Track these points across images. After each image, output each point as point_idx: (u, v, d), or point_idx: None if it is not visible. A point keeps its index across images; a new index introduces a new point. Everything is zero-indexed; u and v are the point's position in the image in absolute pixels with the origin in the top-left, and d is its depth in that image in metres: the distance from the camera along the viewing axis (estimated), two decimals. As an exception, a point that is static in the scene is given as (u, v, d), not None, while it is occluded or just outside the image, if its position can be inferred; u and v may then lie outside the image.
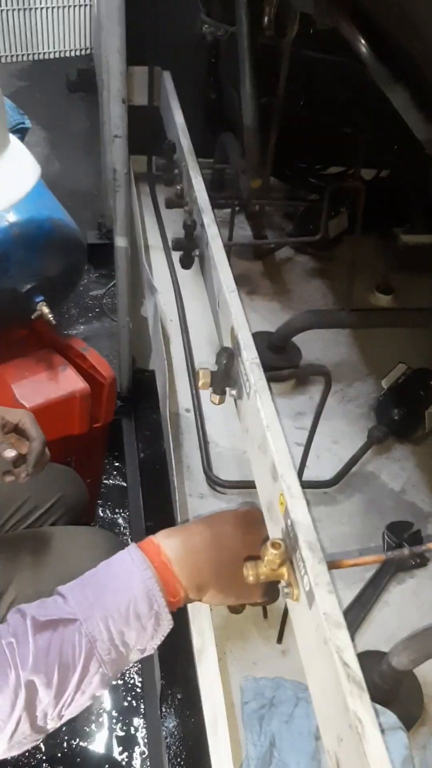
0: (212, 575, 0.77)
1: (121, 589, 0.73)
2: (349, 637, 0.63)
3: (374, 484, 1.22)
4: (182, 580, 0.75)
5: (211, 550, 0.77)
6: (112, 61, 1.60)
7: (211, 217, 1.16)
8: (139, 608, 0.72)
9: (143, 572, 0.74)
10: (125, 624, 0.72)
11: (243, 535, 0.79)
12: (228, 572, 0.77)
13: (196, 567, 0.76)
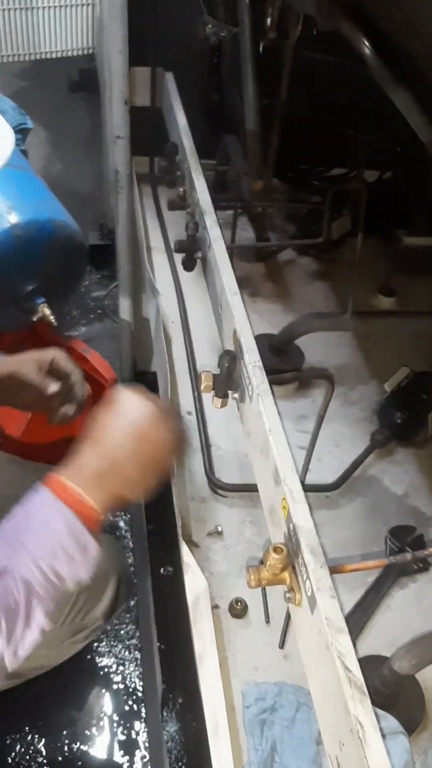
0: (119, 487, 0.78)
1: (44, 530, 0.75)
2: (350, 642, 0.63)
3: (377, 487, 1.21)
4: (95, 504, 0.77)
5: (110, 465, 0.78)
6: (114, 62, 1.60)
7: (213, 219, 1.16)
8: (65, 543, 0.74)
9: (60, 510, 0.75)
10: (54, 559, 0.74)
11: (132, 438, 0.78)
12: (132, 477, 0.79)
13: (102, 488, 0.77)
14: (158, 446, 0.79)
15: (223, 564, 1.07)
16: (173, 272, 1.59)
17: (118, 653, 1.94)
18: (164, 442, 0.79)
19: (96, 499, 0.76)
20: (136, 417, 0.79)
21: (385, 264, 1.76)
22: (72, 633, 1.33)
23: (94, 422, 0.80)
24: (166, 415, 0.79)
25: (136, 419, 0.79)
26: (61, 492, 0.76)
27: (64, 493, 0.76)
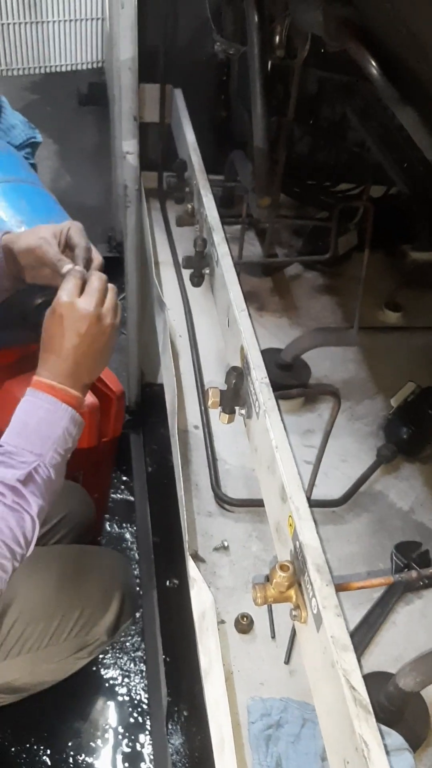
0: (90, 372, 1.01)
1: (53, 424, 0.96)
2: (356, 660, 0.64)
3: (382, 503, 1.22)
4: (76, 392, 0.99)
5: (71, 360, 0.98)
6: (124, 79, 1.63)
7: (221, 236, 1.17)
8: (69, 429, 0.98)
9: (60, 407, 0.97)
10: (65, 443, 0.98)
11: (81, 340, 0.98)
12: (91, 367, 1.01)
13: (76, 381, 0.99)
14: (104, 338, 1.00)
15: (229, 579, 1.07)
16: (181, 287, 1.60)
17: (123, 665, 1.94)
18: (108, 333, 1.00)
19: (75, 389, 0.99)
20: (80, 324, 0.97)
21: (391, 279, 1.77)
22: (75, 649, 1.34)
23: (47, 335, 1.00)
24: (101, 312, 0.99)
25: (81, 326, 0.97)
26: (54, 392, 0.97)
27: (56, 392, 0.97)
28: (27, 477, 0.91)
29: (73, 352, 0.97)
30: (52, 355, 0.98)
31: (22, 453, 0.93)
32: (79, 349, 0.98)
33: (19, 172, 1.86)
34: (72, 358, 0.98)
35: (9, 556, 0.91)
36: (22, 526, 0.91)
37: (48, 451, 0.94)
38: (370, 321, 1.61)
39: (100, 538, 2.18)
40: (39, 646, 1.30)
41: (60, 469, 0.97)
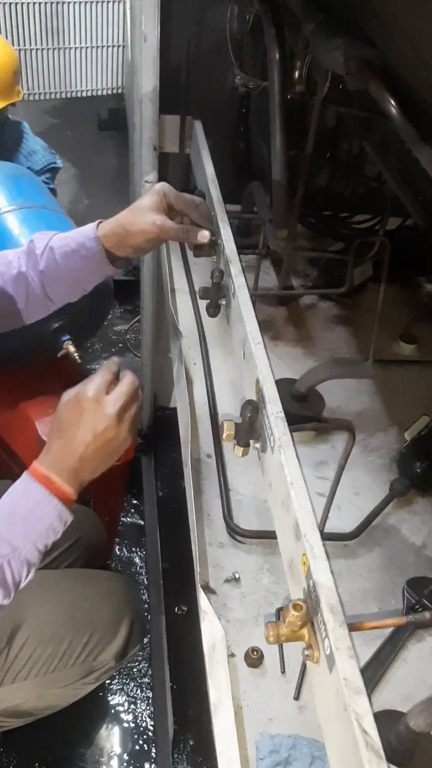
0: (92, 472, 0.99)
1: (40, 519, 0.94)
2: (368, 703, 0.63)
3: (395, 537, 1.21)
4: (71, 491, 0.96)
5: (76, 454, 0.96)
6: (145, 110, 1.65)
7: (238, 268, 1.18)
8: (53, 525, 0.95)
9: (52, 502, 0.95)
10: (46, 537, 0.95)
11: (95, 438, 0.96)
12: (95, 468, 0.98)
13: (75, 478, 0.97)
14: (116, 443, 0.97)
15: (239, 612, 1.07)
16: (196, 315, 1.61)
17: (130, 691, 1.93)
18: (121, 439, 0.97)
19: (71, 486, 0.96)
20: (98, 424, 0.96)
21: (407, 311, 1.78)
22: (82, 674, 1.34)
23: (62, 421, 0.97)
24: (122, 418, 0.97)
25: (99, 425, 0.96)
26: (49, 484, 0.95)
27: (50, 485, 0.95)
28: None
29: (83, 449, 0.95)
30: (60, 442, 0.96)
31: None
32: (90, 447, 0.95)
33: (39, 198, 1.89)
34: (79, 454, 0.95)
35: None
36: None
37: (26, 545, 0.93)
38: (384, 353, 1.62)
39: (109, 562, 2.18)
40: (47, 669, 1.30)
41: (35, 561, 0.95)
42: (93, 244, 1.11)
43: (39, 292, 1.15)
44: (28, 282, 1.14)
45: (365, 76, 1.04)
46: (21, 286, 1.15)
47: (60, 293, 1.17)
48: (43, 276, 1.14)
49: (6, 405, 1.83)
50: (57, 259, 1.12)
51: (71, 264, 1.13)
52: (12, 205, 1.78)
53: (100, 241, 1.11)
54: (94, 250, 1.11)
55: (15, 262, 1.15)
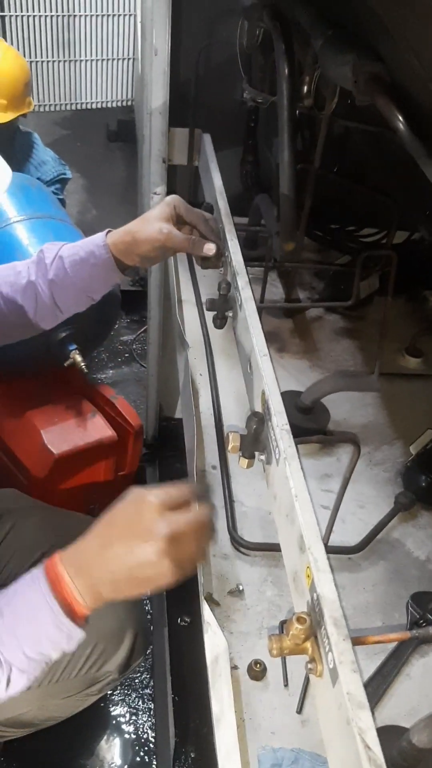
0: (110, 587, 0.81)
1: (32, 619, 0.80)
2: (371, 718, 0.63)
3: (399, 551, 1.21)
4: (84, 599, 0.81)
5: (103, 561, 0.80)
6: (154, 123, 1.66)
7: (245, 280, 1.19)
8: (50, 634, 0.80)
9: (49, 602, 0.80)
10: (39, 645, 0.81)
11: (130, 531, 0.79)
12: (124, 578, 0.80)
13: (96, 595, 0.81)
14: (152, 572, 0.78)
15: (243, 624, 1.07)
16: (203, 326, 1.62)
17: (131, 702, 1.92)
18: (159, 571, 0.78)
19: (87, 601, 0.81)
20: (143, 534, 0.78)
21: (413, 324, 1.78)
22: (85, 685, 1.33)
23: (113, 517, 0.82)
24: (171, 544, 0.77)
25: (142, 537, 0.78)
26: (57, 585, 0.80)
27: (59, 587, 0.80)
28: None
29: (114, 563, 0.79)
30: (97, 541, 0.82)
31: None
32: (122, 564, 0.79)
33: (48, 208, 1.90)
34: (108, 567, 0.80)
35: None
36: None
37: (10, 645, 0.80)
38: (390, 366, 1.62)
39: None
40: (50, 680, 1.30)
41: (24, 668, 0.82)
42: (102, 252, 1.12)
43: (48, 301, 1.16)
44: (38, 291, 1.15)
45: (373, 91, 1.04)
46: (30, 295, 1.15)
47: (69, 302, 1.18)
48: (53, 285, 1.14)
49: (12, 413, 1.84)
50: (66, 267, 1.13)
51: (80, 272, 1.13)
52: (22, 215, 1.80)
53: (109, 249, 1.12)
54: (103, 258, 1.12)
55: (24, 272, 1.16)
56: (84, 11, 4.22)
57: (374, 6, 0.88)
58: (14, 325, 1.19)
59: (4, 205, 1.82)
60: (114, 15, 4.28)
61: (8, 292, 1.16)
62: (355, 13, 1.03)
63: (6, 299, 1.16)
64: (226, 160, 1.68)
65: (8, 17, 4.05)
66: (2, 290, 1.16)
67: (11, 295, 1.15)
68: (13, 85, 2.37)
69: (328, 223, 1.91)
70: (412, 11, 0.76)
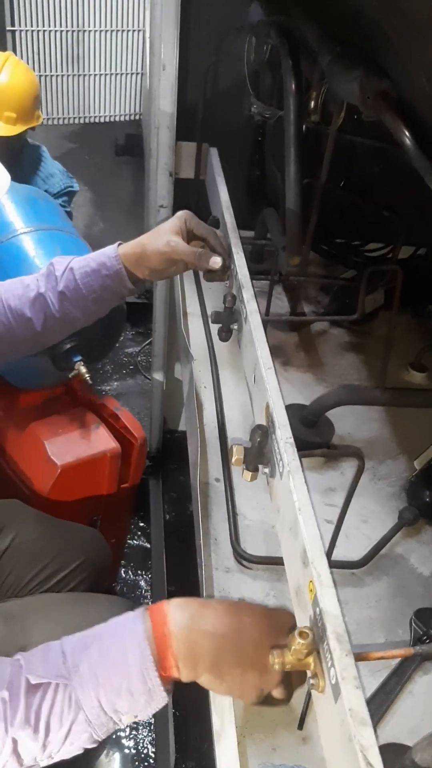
0: (210, 662, 0.76)
1: (119, 662, 0.75)
2: (374, 736, 0.62)
3: (403, 567, 1.20)
4: (179, 659, 0.76)
5: (218, 637, 0.77)
6: (162, 137, 1.68)
7: (251, 293, 1.19)
8: (132, 685, 0.74)
9: (142, 648, 0.75)
10: (117, 696, 0.74)
11: (259, 634, 0.77)
12: (228, 663, 0.76)
13: (195, 649, 0.76)
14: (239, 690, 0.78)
15: (245, 638, 1.06)
16: (208, 339, 1.62)
17: (131, 717, 1.91)
18: (245, 695, 0.78)
19: (183, 670, 0.77)
20: (264, 642, 0.76)
21: (418, 339, 1.78)
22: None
23: (244, 607, 0.81)
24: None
25: (263, 644, 0.76)
26: (159, 634, 0.76)
27: (160, 637, 0.76)
28: (40, 686, 0.75)
29: (225, 643, 0.76)
30: (212, 616, 0.78)
31: (65, 664, 0.76)
32: (240, 641, 0.77)
33: (55, 220, 1.91)
34: (220, 645, 0.76)
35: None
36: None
37: (88, 685, 0.75)
38: (395, 381, 1.62)
39: (115, 585, 2.17)
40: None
41: (93, 720, 0.75)
42: (114, 263, 1.13)
43: (57, 313, 1.16)
44: (47, 303, 1.15)
45: (380, 107, 1.05)
46: (39, 307, 1.15)
47: (77, 315, 1.18)
48: (62, 296, 1.14)
49: (16, 424, 1.84)
50: (77, 279, 1.13)
51: (91, 283, 1.14)
52: (29, 226, 1.80)
53: (120, 260, 1.13)
54: (114, 269, 1.13)
55: (33, 285, 1.16)
56: (93, 27, 4.25)
57: (382, 24, 0.89)
58: (21, 338, 1.19)
59: (11, 217, 1.83)
60: (123, 30, 4.32)
61: (16, 304, 1.16)
62: (362, 30, 1.04)
63: (14, 312, 1.16)
64: (232, 174, 1.69)
65: (18, 32, 4.09)
66: (10, 303, 1.16)
67: (19, 307, 1.16)
68: (23, 98, 2.39)
69: (334, 237, 1.92)
70: (420, 29, 0.77)
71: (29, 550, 1.42)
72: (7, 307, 1.16)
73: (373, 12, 0.89)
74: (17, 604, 1.33)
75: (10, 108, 2.36)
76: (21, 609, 1.29)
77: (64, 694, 0.74)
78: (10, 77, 2.37)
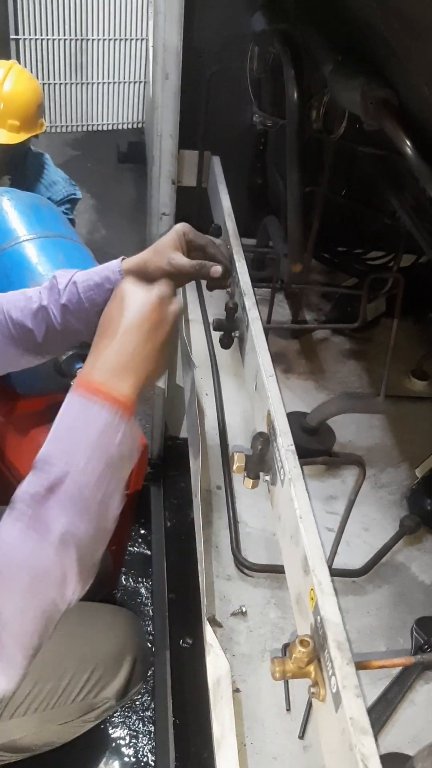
0: (147, 365, 0.87)
1: (88, 427, 0.81)
2: (375, 744, 0.62)
3: (404, 575, 1.20)
4: (124, 394, 0.84)
5: (128, 357, 0.86)
6: (164, 145, 1.68)
7: (252, 301, 1.19)
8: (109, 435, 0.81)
9: (95, 411, 0.82)
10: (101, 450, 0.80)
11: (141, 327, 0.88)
12: (147, 362, 0.87)
13: (126, 379, 0.85)
14: (166, 327, 0.89)
15: (245, 646, 1.06)
16: (209, 346, 1.62)
17: (131, 725, 1.90)
18: (170, 322, 0.90)
19: (123, 388, 0.84)
20: (141, 308, 0.89)
21: (419, 347, 1.78)
22: (82, 711, 1.31)
23: (104, 320, 0.90)
24: (163, 300, 0.90)
25: (142, 310, 0.88)
26: (91, 390, 0.83)
27: (94, 391, 0.83)
28: (47, 490, 0.78)
29: (133, 336, 0.87)
30: (105, 340, 0.88)
31: (49, 462, 0.81)
32: (139, 331, 0.87)
33: (58, 227, 1.91)
34: (129, 344, 0.87)
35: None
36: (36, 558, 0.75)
37: (79, 460, 0.80)
38: (396, 388, 1.62)
39: (115, 592, 2.16)
40: (46, 706, 1.28)
41: (101, 483, 0.81)
42: (117, 277, 1.13)
43: (59, 326, 1.16)
44: (49, 315, 1.15)
45: (381, 115, 1.05)
46: (41, 319, 1.15)
47: (79, 327, 1.18)
48: (65, 309, 1.14)
49: (17, 431, 1.84)
50: (80, 292, 1.13)
51: (94, 297, 1.14)
52: (31, 233, 1.81)
53: (124, 275, 1.13)
54: (118, 283, 1.13)
55: (35, 297, 1.16)
56: (97, 36, 4.28)
57: (384, 33, 0.89)
58: (21, 350, 1.19)
59: (14, 224, 1.84)
60: (126, 39, 4.34)
61: (18, 316, 1.16)
62: (364, 39, 1.04)
63: (15, 323, 1.16)
64: (234, 182, 1.69)
65: (22, 40, 4.12)
66: (12, 314, 1.16)
67: (21, 319, 1.16)
68: (27, 106, 2.40)
69: (335, 245, 1.92)
70: (422, 38, 0.77)
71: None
72: (9, 318, 1.16)
73: (374, 20, 0.90)
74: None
75: (13, 116, 2.37)
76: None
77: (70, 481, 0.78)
78: (14, 85, 2.38)
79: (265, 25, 1.44)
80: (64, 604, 0.80)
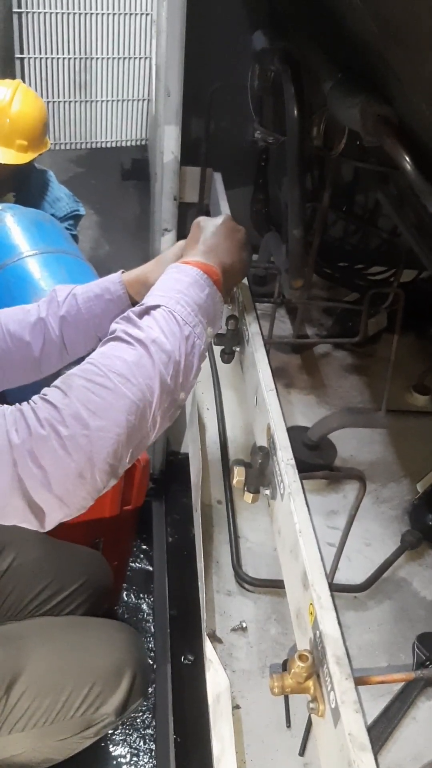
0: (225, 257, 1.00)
1: (179, 280, 0.93)
2: (374, 761, 0.62)
3: (405, 591, 1.19)
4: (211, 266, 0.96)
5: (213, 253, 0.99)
6: (166, 162, 1.70)
7: (253, 316, 1.20)
8: (199, 283, 0.93)
9: (188, 268, 0.94)
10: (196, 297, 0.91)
11: (221, 236, 1.02)
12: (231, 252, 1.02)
13: (214, 256, 0.99)
14: (239, 235, 1.04)
15: (245, 662, 1.05)
16: (211, 361, 1.63)
17: (132, 742, 1.88)
18: (242, 232, 1.05)
19: (210, 262, 0.97)
20: (217, 220, 1.04)
21: (421, 362, 1.78)
22: (81, 728, 1.30)
23: (189, 238, 1.05)
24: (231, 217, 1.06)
25: (219, 221, 1.04)
26: (185, 261, 0.96)
27: (190, 263, 0.95)
28: (143, 311, 0.88)
29: (215, 237, 1.01)
30: (192, 245, 1.02)
31: (145, 302, 0.91)
32: (219, 232, 1.02)
33: (61, 243, 1.93)
34: (212, 240, 1.01)
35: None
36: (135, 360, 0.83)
37: (173, 296, 0.90)
38: (397, 403, 1.62)
39: (116, 608, 2.15)
40: (45, 721, 1.27)
41: (188, 320, 0.89)
42: (117, 288, 1.14)
43: (57, 339, 1.16)
44: (47, 328, 1.15)
45: (381, 132, 1.06)
46: (38, 332, 1.16)
47: (77, 340, 1.18)
48: (63, 321, 1.15)
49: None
50: (79, 304, 1.14)
51: (93, 308, 1.14)
52: (34, 249, 1.82)
53: (124, 285, 1.14)
54: (118, 293, 1.14)
55: (34, 311, 1.16)
56: (100, 54, 4.33)
57: (383, 51, 0.90)
58: (18, 364, 1.19)
59: (17, 240, 1.85)
60: (130, 58, 4.38)
61: (16, 329, 1.16)
62: (364, 57, 1.05)
63: (13, 336, 1.16)
64: (236, 199, 1.70)
65: (27, 59, 4.16)
66: (9, 327, 1.17)
67: (19, 332, 1.16)
68: (34, 126, 2.42)
69: (336, 260, 1.93)
70: (421, 56, 0.78)
71: (30, 571, 1.41)
72: (6, 331, 1.16)
73: (373, 38, 0.91)
74: (15, 627, 1.32)
75: (22, 136, 2.39)
76: (18, 632, 1.28)
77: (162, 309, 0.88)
78: (22, 106, 2.41)
79: (265, 44, 1.45)
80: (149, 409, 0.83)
